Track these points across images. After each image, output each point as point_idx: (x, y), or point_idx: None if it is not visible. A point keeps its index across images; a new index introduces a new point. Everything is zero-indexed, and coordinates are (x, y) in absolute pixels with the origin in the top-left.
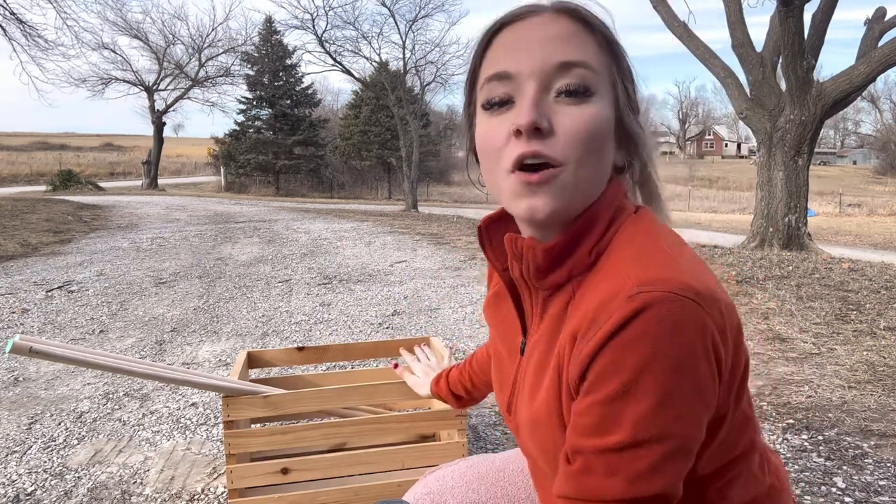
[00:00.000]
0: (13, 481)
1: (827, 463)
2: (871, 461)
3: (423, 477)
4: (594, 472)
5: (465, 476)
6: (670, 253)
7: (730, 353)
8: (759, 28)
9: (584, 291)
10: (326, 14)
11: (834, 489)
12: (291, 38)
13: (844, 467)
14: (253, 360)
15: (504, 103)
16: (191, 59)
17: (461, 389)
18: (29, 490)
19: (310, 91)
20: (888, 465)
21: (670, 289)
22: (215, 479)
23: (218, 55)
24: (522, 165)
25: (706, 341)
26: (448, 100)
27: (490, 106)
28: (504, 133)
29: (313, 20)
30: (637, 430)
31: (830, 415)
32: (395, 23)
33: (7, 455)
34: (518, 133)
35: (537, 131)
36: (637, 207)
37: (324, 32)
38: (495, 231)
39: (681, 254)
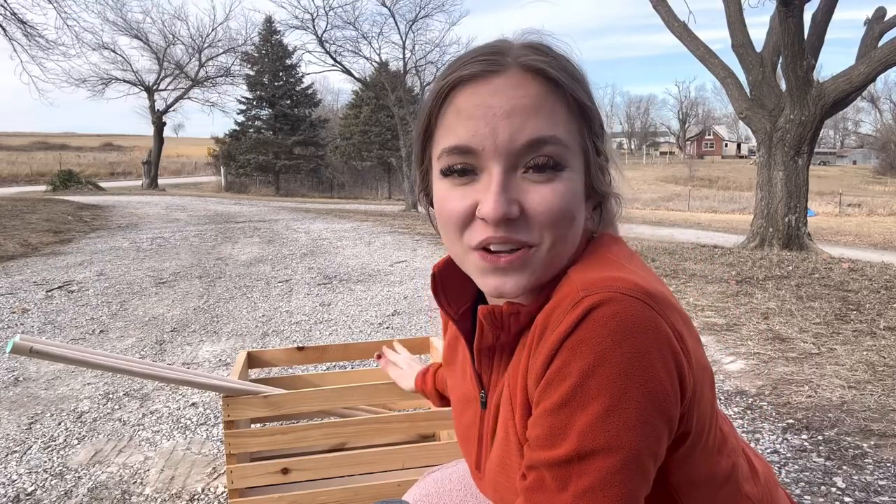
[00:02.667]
0: (13, 481)
1: (827, 463)
2: (870, 461)
3: (422, 478)
4: (546, 487)
5: (464, 479)
6: (617, 261)
7: (688, 359)
8: (759, 28)
9: (543, 313)
10: (326, 14)
11: (834, 489)
12: (291, 38)
13: (844, 467)
14: (253, 360)
15: (464, 173)
16: (191, 59)
17: (444, 386)
18: (29, 490)
19: (310, 91)
20: (888, 465)
21: (616, 288)
22: (215, 478)
23: (218, 55)
24: (487, 248)
25: (660, 343)
26: None
27: (449, 173)
28: (465, 206)
29: (313, 20)
30: (583, 439)
31: (830, 415)
32: (395, 23)
33: (7, 455)
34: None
35: (507, 220)
36: (591, 235)
37: (324, 32)
38: (449, 276)
39: (630, 261)
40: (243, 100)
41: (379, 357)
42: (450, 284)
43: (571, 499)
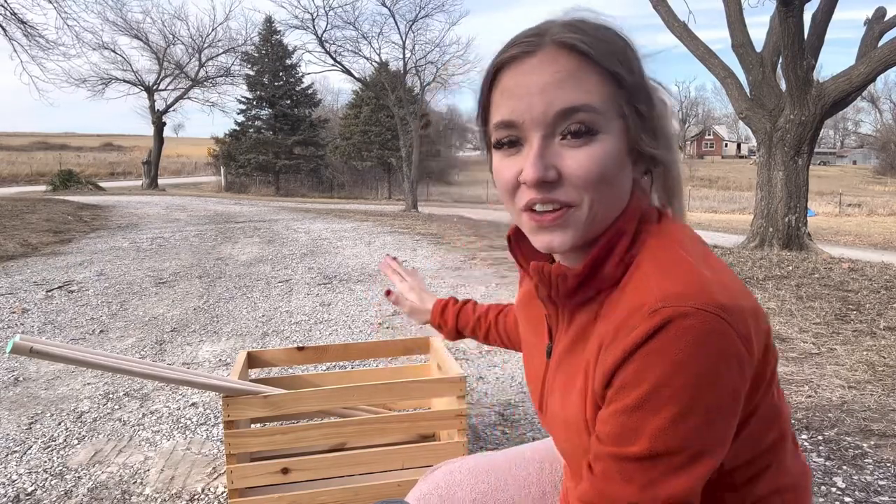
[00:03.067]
0: (13, 481)
1: (827, 463)
2: (870, 461)
3: (425, 475)
4: (612, 478)
5: (474, 470)
6: (694, 263)
7: (755, 360)
8: (759, 28)
9: (611, 304)
10: (326, 14)
11: (834, 489)
12: (291, 38)
13: (844, 467)
14: (253, 360)
15: (513, 145)
16: (191, 59)
17: (469, 332)
18: (29, 490)
19: (310, 91)
20: (888, 464)
21: (694, 304)
22: (215, 478)
23: (218, 55)
24: (533, 209)
25: (729, 356)
26: (448, 100)
27: (500, 146)
28: (512, 174)
29: (313, 20)
30: (655, 442)
31: (830, 415)
32: (395, 23)
33: (7, 455)
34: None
35: (545, 184)
36: (659, 214)
37: (324, 32)
38: (523, 237)
39: (705, 262)
40: (243, 100)
41: (388, 293)
42: (524, 244)
43: (637, 490)
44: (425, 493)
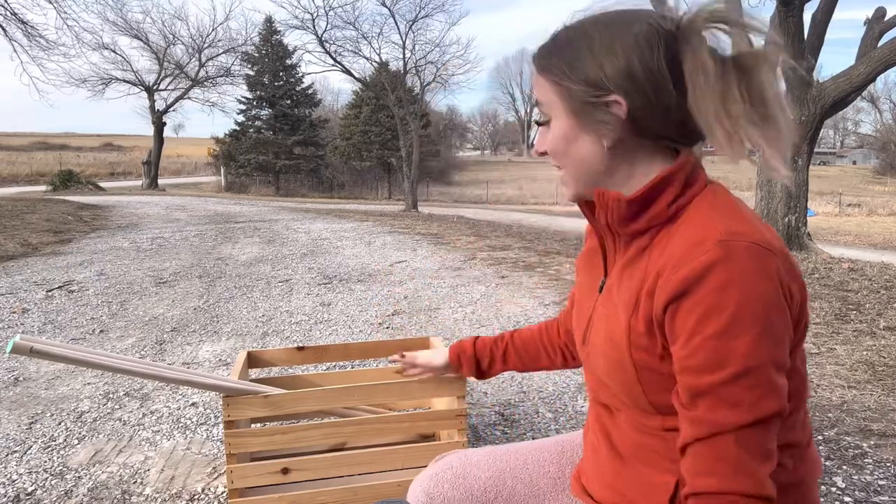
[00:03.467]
0: (13, 481)
1: (827, 462)
2: (870, 461)
3: (433, 462)
4: (718, 406)
5: (492, 452)
6: (749, 215)
7: (797, 303)
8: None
9: (666, 238)
10: (326, 14)
11: (834, 489)
12: (291, 39)
13: (844, 467)
14: (253, 360)
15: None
16: (191, 59)
17: (487, 356)
18: (29, 490)
19: (310, 91)
20: (888, 464)
21: (754, 240)
22: (215, 478)
23: (218, 55)
24: None
25: (784, 288)
26: (448, 100)
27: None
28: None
29: (313, 20)
30: (748, 360)
31: (830, 414)
32: (395, 23)
33: (7, 455)
34: None
35: (541, 154)
36: (710, 181)
37: (324, 32)
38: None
39: (757, 218)
40: (243, 100)
41: (402, 355)
42: (591, 202)
43: (746, 410)
44: (437, 472)
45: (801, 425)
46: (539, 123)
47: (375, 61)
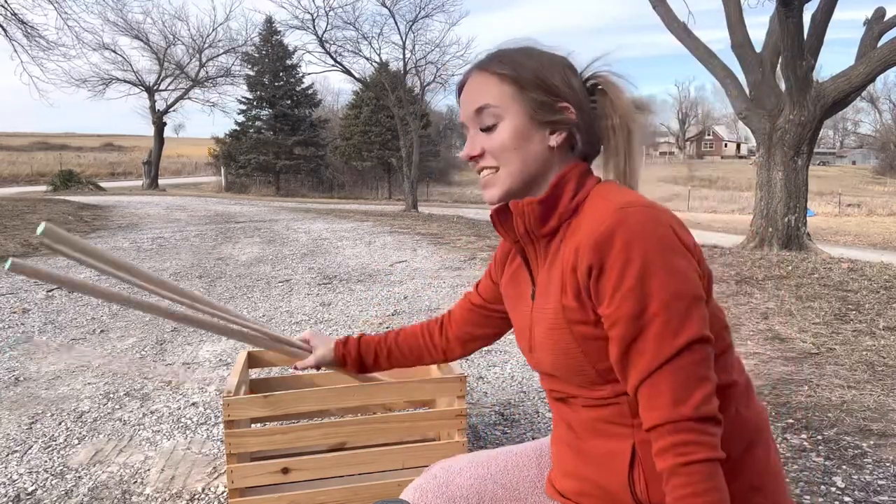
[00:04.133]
0: (14, 481)
1: (826, 462)
2: (870, 461)
3: (421, 475)
4: (647, 347)
5: (473, 459)
6: (638, 194)
7: (696, 254)
8: (758, 28)
9: (574, 226)
10: (327, 14)
11: (833, 489)
12: (292, 39)
13: (844, 467)
14: (253, 360)
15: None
16: (191, 60)
17: (372, 355)
18: (29, 490)
19: (310, 91)
20: (887, 464)
21: (644, 204)
22: (216, 478)
23: (218, 55)
24: (478, 172)
25: (676, 234)
26: (448, 100)
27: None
28: (463, 152)
29: (313, 20)
30: (663, 296)
31: (830, 414)
32: (396, 23)
33: (8, 455)
34: None
35: (472, 157)
36: (599, 180)
37: (324, 33)
38: (504, 215)
39: (629, 191)
40: (244, 100)
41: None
42: (507, 221)
43: (669, 342)
44: (422, 484)
45: (732, 367)
46: (486, 129)
47: (375, 61)
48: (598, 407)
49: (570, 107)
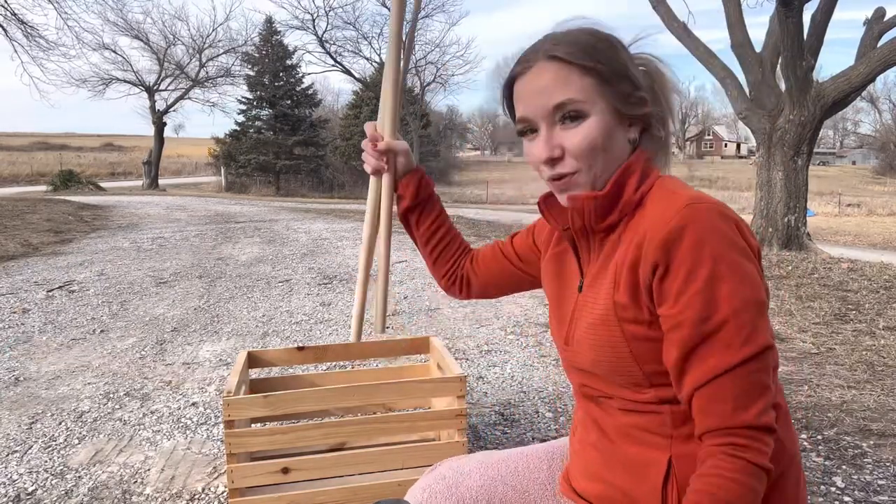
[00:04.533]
0: (14, 481)
1: (826, 462)
2: (870, 461)
3: (427, 471)
4: (712, 352)
5: (483, 461)
6: (690, 188)
7: (759, 258)
8: (758, 28)
9: (638, 219)
10: (327, 14)
11: (833, 489)
12: (292, 39)
13: (844, 467)
14: (253, 360)
15: (530, 132)
16: (191, 60)
17: (434, 204)
18: (30, 489)
19: (310, 91)
20: (887, 464)
21: (714, 201)
22: (216, 478)
23: (218, 55)
24: (553, 178)
25: (744, 238)
26: (448, 100)
27: (523, 134)
28: (536, 154)
29: (314, 21)
30: (732, 303)
31: (830, 414)
32: None
33: (8, 455)
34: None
35: (552, 160)
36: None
37: (324, 33)
38: (552, 203)
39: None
40: (244, 100)
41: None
42: (555, 208)
43: (738, 350)
44: (430, 483)
45: (778, 389)
46: (573, 116)
47: (375, 61)
48: (636, 412)
49: (646, 97)
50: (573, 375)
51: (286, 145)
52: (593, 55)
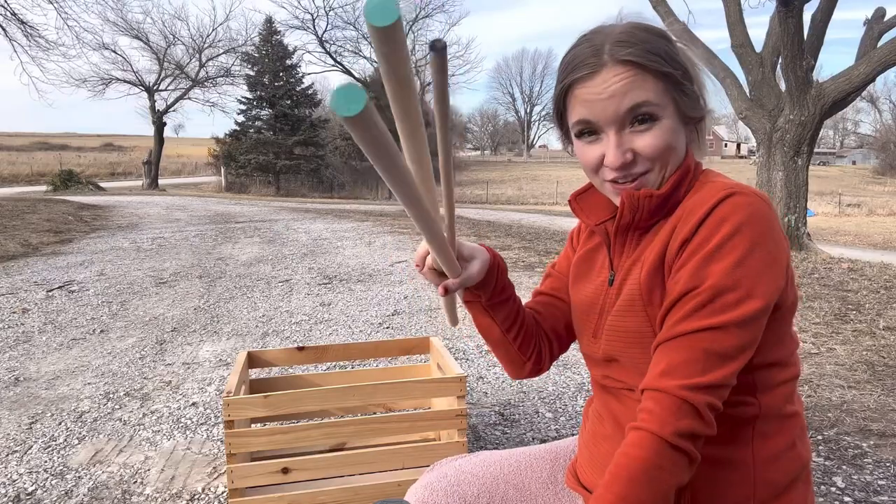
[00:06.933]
0: (14, 481)
1: (826, 462)
2: (870, 461)
3: (429, 469)
4: (682, 322)
5: (486, 460)
6: (732, 179)
7: (788, 251)
8: (758, 28)
9: (678, 212)
10: (327, 14)
11: (833, 489)
12: (292, 39)
13: (844, 467)
14: (253, 360)
15: (591, 134)
16: (191, 60)
17: (510, 295)
18: (29, 490)
19: (310, 91)
20: (887, 464)
21: (752, 191)
22: (216, 478)
23: (218, 55)
24: (616, 181)
25: (777, 228)
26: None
27: (580, 136)
28: (595, 157)
29: (314, 20)
30: (718, 279)
31: (830, 414)
32: None
33: (8, 455)
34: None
35: (624, 164)
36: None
37: (324, 33)
38: (584, 199)
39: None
40: (243, 100)
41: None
42: (587, 205)
43: (701, 319)
44: (432, 481)
45: (798, 399)
46: (644, 118)
47: (375, 61)
48: None
49: (702, 97)
50: (596, 368)
51: (286, 145)
52: (664, 57)
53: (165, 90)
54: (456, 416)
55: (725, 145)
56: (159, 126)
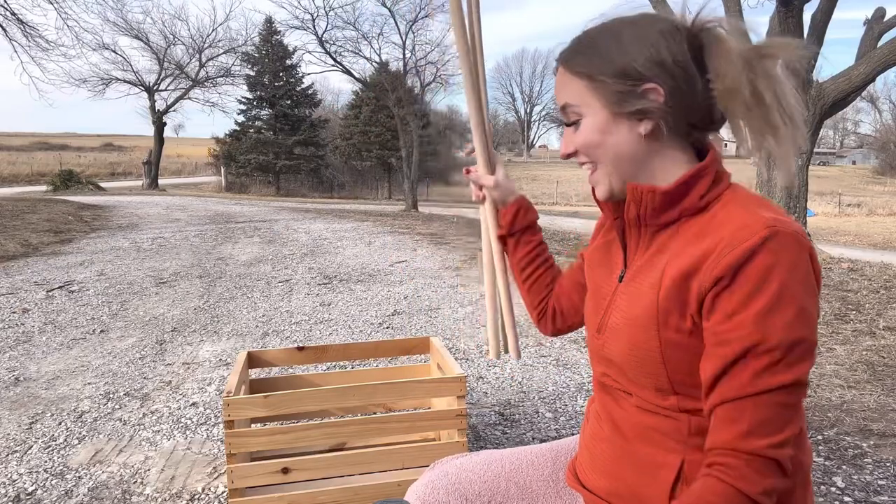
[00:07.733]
0: (14, 481)
1: (826, 462)
2: (870, 461)
3: (430, 467)
4: (760, 373)
5: (487, 458)
6: (767, 204)
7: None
8: (758, 28)
9: (693, 226)
10: (327, 14)
11: (833, 489)
12: (292, 39)
13: (844, 467)
14: (253, 360)
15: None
16: (191, 60)
17: (534, 237)
18: (29, 490)
19: (310, 91)
20: (887, 464)
21: (795, 229)
22: (216, 478)
23: (218, 55)
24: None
25: (815, 271)
26: (448, 100)
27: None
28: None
29: (314, 20)
30: (790, 332)
31: (830, 414)
32: (396, 23)
33: (8, 455)
34: None
35: (567, 156)
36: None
37: (324, 33)
38: None
39: (771, 205)
40: (244, 100)
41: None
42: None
43: (780, 373)
44: (433, 479)
45: (802, 413)
46: (567, 124)
47: (375, 61)
48: (653, 414)
49: (658, 87)
50: (597, 364)
51: (286, 145)
52: (586, 56)
53: (165, 90)
54: (456, 416)
55: (725, 145)
56: (159, 126)
